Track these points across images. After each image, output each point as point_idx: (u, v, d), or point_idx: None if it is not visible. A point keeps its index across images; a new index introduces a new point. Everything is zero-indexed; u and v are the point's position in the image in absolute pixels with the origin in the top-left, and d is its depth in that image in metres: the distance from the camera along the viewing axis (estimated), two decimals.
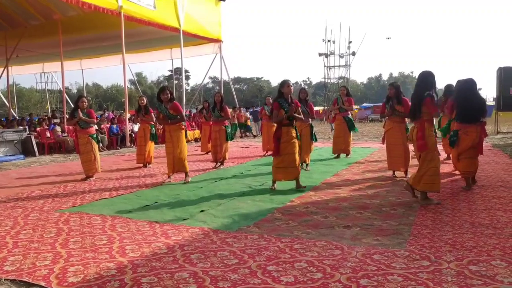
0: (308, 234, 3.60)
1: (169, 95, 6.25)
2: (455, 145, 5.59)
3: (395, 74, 76.81)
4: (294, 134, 5.62)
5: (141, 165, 8.49)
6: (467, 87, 5.44)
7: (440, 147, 8.66)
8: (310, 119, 7.43)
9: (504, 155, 9.15)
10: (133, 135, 13.53)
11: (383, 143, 6.86)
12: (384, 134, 6.75)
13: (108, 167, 8.57)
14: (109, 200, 5.31)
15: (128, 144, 13.51)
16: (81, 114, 6.80)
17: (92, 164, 6.95)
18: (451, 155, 6.69)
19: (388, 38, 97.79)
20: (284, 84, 5.59)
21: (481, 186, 5.60)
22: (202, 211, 4.53)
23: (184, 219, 4.18)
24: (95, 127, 7.60)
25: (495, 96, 15.26)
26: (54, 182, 6.84)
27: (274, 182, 5.81)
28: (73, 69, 23.76)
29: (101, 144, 12.57)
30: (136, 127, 12.94)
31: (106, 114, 19.46)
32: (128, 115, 14.10)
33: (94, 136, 7.06)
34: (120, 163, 9.40)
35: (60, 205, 5.01)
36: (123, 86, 14.87)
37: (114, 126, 13.97)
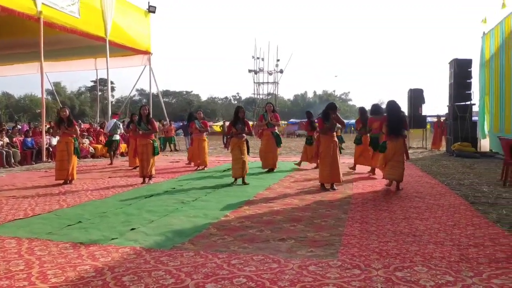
0: (244, 248, 3.59)
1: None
2: (384, 152, 6.78)
3: (319, 92, 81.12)
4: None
5: (61, 181, 7.85)
6: (392, 107, 6.80)
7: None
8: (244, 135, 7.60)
9: (416, 168, 10.06)
10: (51, 149, 12.50)
11: (317, 159, 7.24)
12: (318, 148, 7.00)
13: (22, 184, 7.79)
14: (25, 220, 4.80)
15: (44, 159, 12.42)
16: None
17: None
18: (378, 163, 7.35)
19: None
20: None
21: (399, 197, 6.08)
22: (132, 229, 4.30)
23: (112, 239, 3.93)
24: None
25: (406, 115, 16.86)
26: None
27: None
28: None
29: (12, 160, 11.44)
30: (54, 141, 11.98)
31: (19, 126, 17.78)
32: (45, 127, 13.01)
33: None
34: (36, 179, 8.60)
35: None
36: (39, 96, 13.75)
37: (29, 139, 12.79)
